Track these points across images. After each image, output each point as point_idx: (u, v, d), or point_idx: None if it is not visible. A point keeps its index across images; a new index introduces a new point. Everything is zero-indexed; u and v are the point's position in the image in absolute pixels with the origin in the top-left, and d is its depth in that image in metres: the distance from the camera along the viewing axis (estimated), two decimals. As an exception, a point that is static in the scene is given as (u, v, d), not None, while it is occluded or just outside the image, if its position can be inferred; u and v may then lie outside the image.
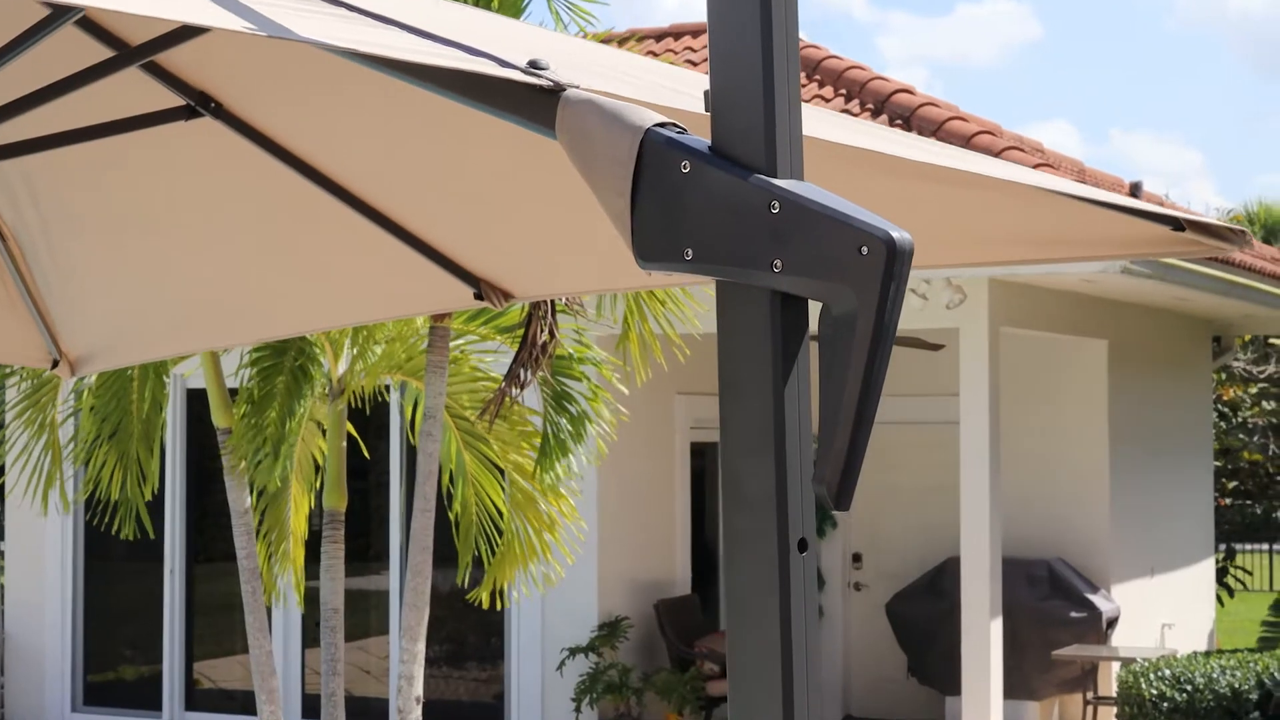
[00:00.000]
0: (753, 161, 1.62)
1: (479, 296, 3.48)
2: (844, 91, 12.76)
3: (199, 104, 3.04)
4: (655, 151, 1.64)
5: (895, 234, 1.55)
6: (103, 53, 2.77)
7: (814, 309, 1.65)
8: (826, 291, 1.58)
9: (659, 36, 14.85)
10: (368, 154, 3.23)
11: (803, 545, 1.64)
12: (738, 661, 1.66)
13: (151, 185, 3.45)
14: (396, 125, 3.04)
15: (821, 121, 2.50)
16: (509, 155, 2.91)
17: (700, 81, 2.03)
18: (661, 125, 1.66)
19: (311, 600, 8.94)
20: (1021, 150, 11.85)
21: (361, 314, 4.55)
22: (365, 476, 13.64)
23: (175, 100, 3.05)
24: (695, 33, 14.57)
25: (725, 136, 1.65)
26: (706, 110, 1.68)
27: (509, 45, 1.88)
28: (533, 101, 1.72)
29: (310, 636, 13.20)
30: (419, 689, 7.15)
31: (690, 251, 1.65)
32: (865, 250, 1.55)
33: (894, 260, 1.54)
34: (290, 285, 3.81)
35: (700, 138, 1.66)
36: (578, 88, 1.71)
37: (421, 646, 7.18)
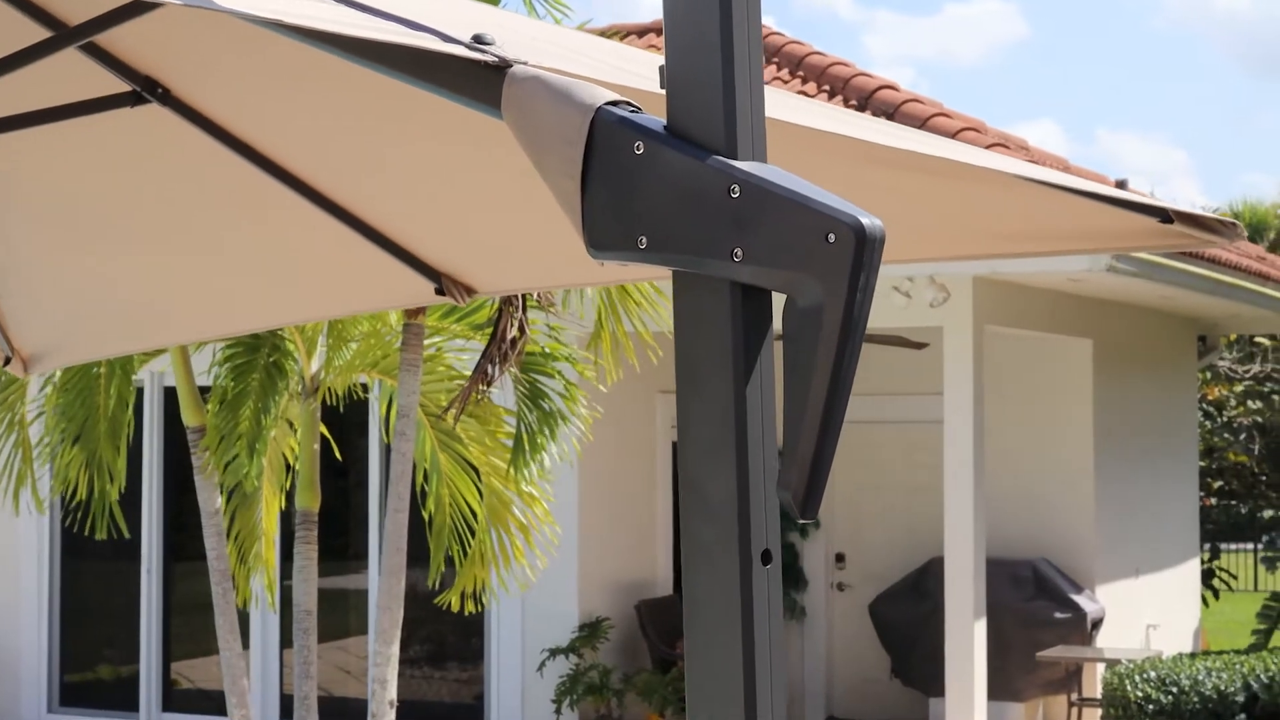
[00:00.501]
0: (711, 142, 1.50)
1: (440, 292, 3.36)
2: (827, 88, 12.66)
3: (145, 90, 2.91)
4: (607, 132, 1.52)
5: (865, 220, 1.43)
6: (40, 33, 2.65)
7: (779, 301, 1.53)
8: (790, 282, 1.46)
9: (641, 32, 14.74)
10: (325, 144, 3.10)
11: (767, 557, 1.52)
12: (696, 683, 1.54)
13: (99, 175, 3.33)
14: (355, 115, 2.92)
15: (792, 106, 2.39)
16: (472, 146, 2.79)
17: (659, 63, 1.91)
18: (614, 104, 1.53)
19: (287, 601, 8.82)
20: (1006, 148, 11.74)
21: (321, 310, 4.42)
22: (346, 475, 13.54)
23: (121, 86, 2.92)
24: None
25: (682, 115, 1.52)
26: (662, 88, 1.56)
27: (455, 20, 1.76)
28: (477, 79, 1.60)
29: (288, 637, 13.08)
30: (393, 692, 7.03)
31: (645, 239, 1.52)
32: (832, 238, 1.42)
33: (863, 248, 1.42)
34: (246, 280, 3.69)
35: (656, 117, 1.54)
36: (525, 64, 1.59)
37: (395, 649, 7.06)
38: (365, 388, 8.58)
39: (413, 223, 3.28)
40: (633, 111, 1.54)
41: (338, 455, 9.14)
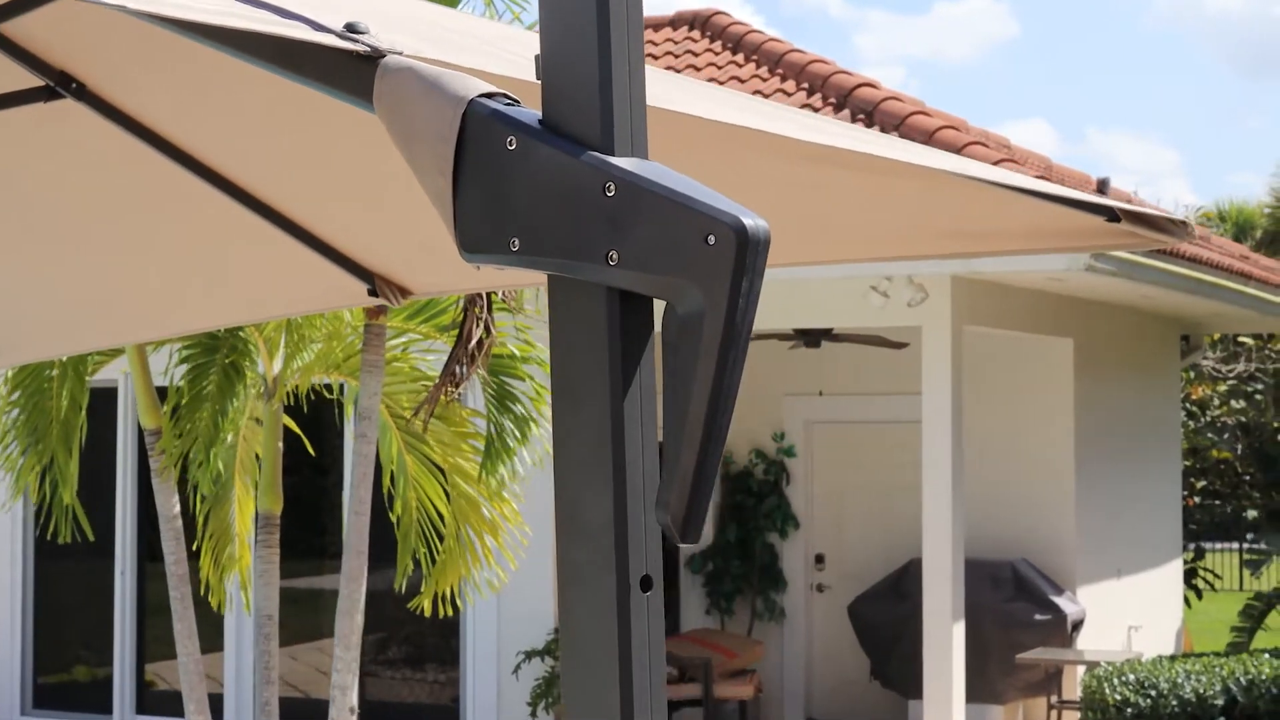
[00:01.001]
0: (587, 137, 1.39)
1: (374, 293, 3.25)
2: (806, 86, 12.56)
3: (59, 84, 2.79)
4: (479, 125, 1.41)
5: (748, 220, 1.32)
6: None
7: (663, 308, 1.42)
8: (668, 288, 1.35)
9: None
10: (252, 142, 2.99)
11: (646, 583, 1.40)
12: (574, 717, 1.43)
13: (18, 174, 3.21)
14: (283, 111, 2.81)
15: (709, 100, 2.28)
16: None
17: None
18: (488, 96, 1.43)
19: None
20: (985, 146, 11.65)
21: (255, 312, 4.31)
22: (327, 474, 13.44)
23: (34, 80, 2.80)
24: (657, 25, 14.35)
25: (557, 108, 1.42)
26: (538, 78, 1.45)
27: (335, 7, 1.65)
28: (349, 70, 1.49)
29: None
30: (353, 699, 6.92)
31: (517, 241, 1.42)
32: (712, 239, 1.32)
33: (745, 251, 1.32)
34: (180, 281, 3.58)
35: (532, 111, 1.43)
36: (400, 54, 1.49)
37: (356, 654, 6.95)
38: (330, 388, 8.48)
39: (344, 222, 3.18)
40: (508, 104, 1.44)
41: (311, 452, 9.04)
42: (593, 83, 1.40)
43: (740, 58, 13.32)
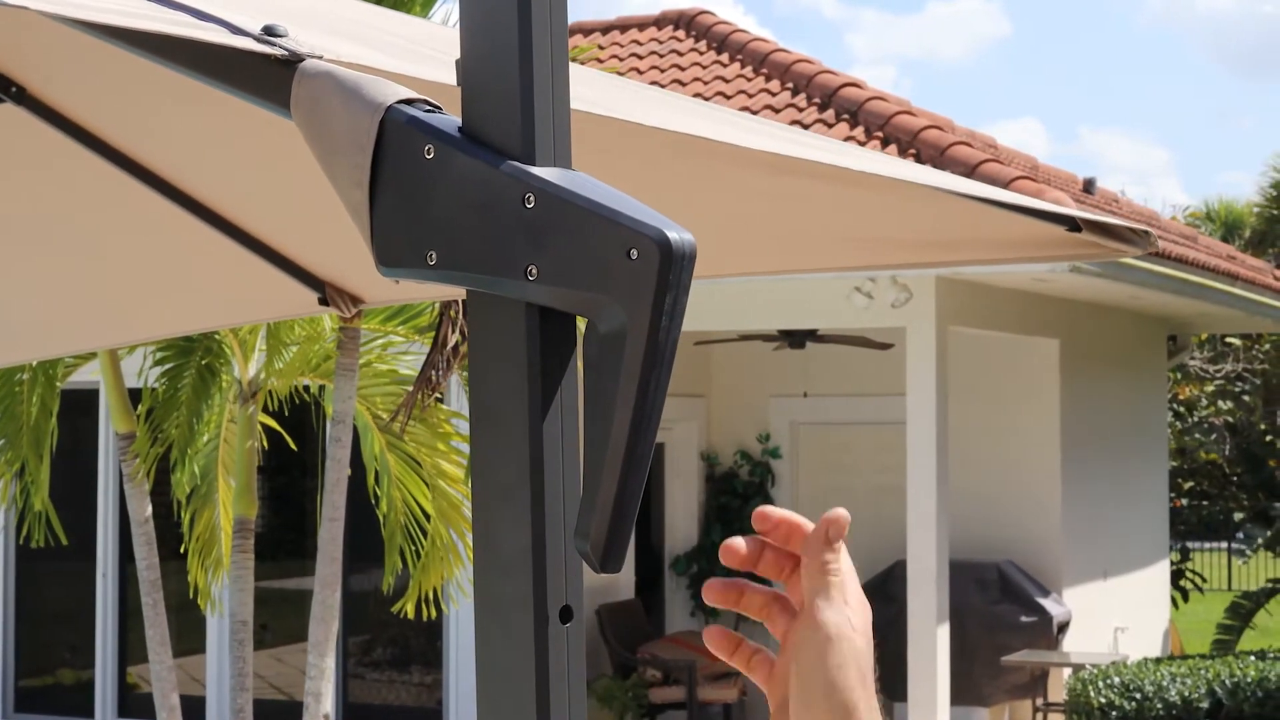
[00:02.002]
0: (507, 145, 1.31)
1: (324, 301, 3.18)
2: (790, 85, 12.50)
3: None
4: (396, 133, 1.33)
5: (672, 234, 1.24)
6: None
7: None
8: (589, 304, 1.28)
9: (605, 30, 14.58)
10: (197, 147, 2.92)
11: (566, 614, 1.33)
12: None
13: None
14: (228, 117, 2.74)
15: (658, 105, 2.22)
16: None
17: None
18: (407, 102, 1.35)
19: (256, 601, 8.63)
20: (970, 146, 11.60)
21: (194, 322, 4.22)
22: (312, 475, 13.38)
23: None
24: (642, 25, 14.29)
25: (476, 115, 1.34)
26: (459, 83, 1.38)
27: (259, 6, 1.58)
28: (266, 75, 1.42)
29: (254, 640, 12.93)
30: (328, 705, 6.85)
31: (434, 254, 1.34)
32: (635, 254, 1.24)
33: (669, 266, 1.24)
34: (129, 288, 3.50)
35: (453, 118, 1.36)
36: (319, 58, 1.42)
37: (330, 661, 6.88)
38: (308, 389, 8.41)
39: (293, 230, 3.10)
40: (428, 111, 1.36)
41: (293, 448, 8.98)
42: (514, 88, 1.33)
43: (725, 57, 13.27)
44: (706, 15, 13.99)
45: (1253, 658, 12.35)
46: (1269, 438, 22.39)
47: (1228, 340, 21.58)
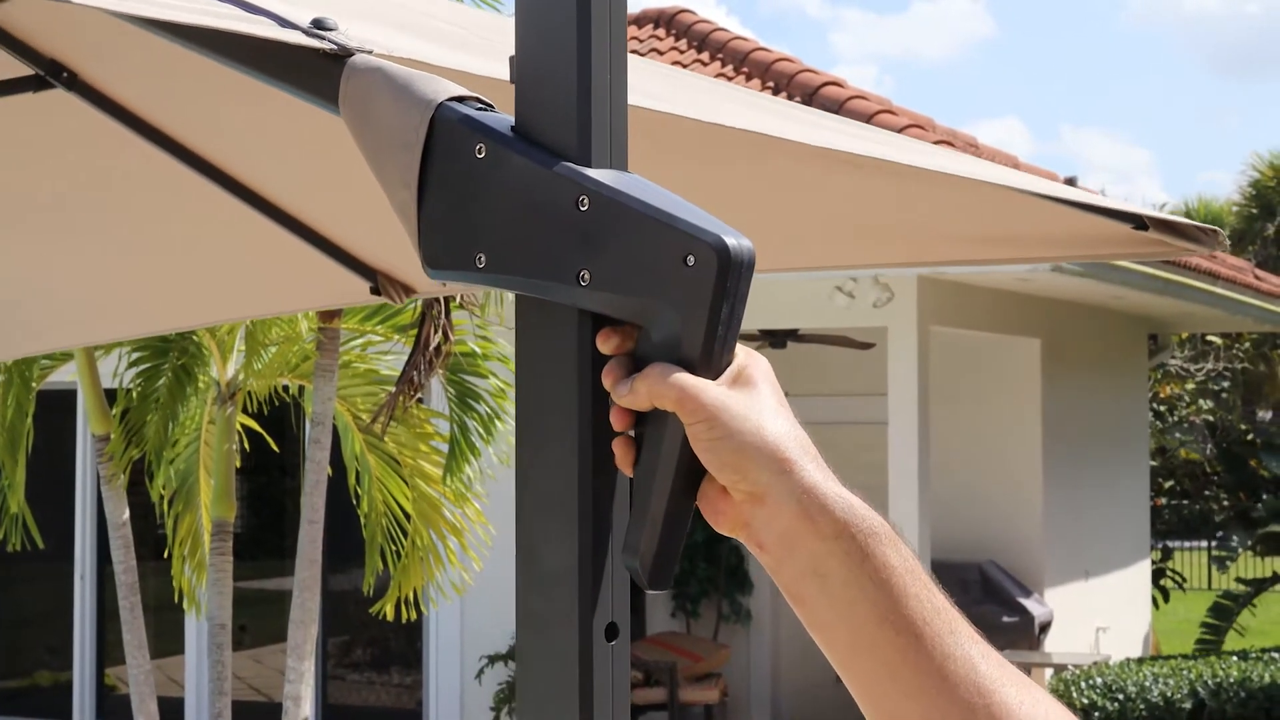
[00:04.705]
0: (561, 146, 1.28)
1: (376, 291, 3.14)
2: (771, 84, 12.47)
3: (50, 74, 2.66)
4: (447, 131, 1.30)
5: (730, 240, 1.21)
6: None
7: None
8: (642, 311, 1.24)
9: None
10: (251, 135, 2.88)
11: (612, 632, 1.29)
12: None
13: (6, 165, 3.08)
14: (281, 102, 2.69)
15: (714, 95, 2.18)
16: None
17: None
18: (459, 100, 1.32)
19: (237, 602, 8.58)
20: (952, 145, 11.56)
21: (247, 309, 4.20)
22: (292, 476, 13.33)
23: (23, 69, 2.67)
24: (658, 20, 14.20)
25: (530, 114, 1.30)
26: (512, 80, 1.33)
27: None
28: (315, 69, 1.38)
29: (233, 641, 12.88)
30: (307, 709, 6.79)
31: (484, 257, 1.30)
32: (691, 260, 1.21)
33: (727, 274, 1.21)
34: (167, 278, 3.47)
35: (506, 116, 1.32)
36: (369, 52, 1.37)
37: (309, 664, 6.82)
38: (287, 390, 8.36)
39: (347, 218, 3.07)
40: (480, 109, 1.32)
41: (275, 449, 8.93)
42: (570, 88, 1.28)
43: (705, 56, 13.23)
44: (687, 14, 13.95)
45: (1235, 658, 12.34)
46: (1249, 437, 22.42)
47: (1208, 339, 21.60)
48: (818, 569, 1.19)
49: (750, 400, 1.22)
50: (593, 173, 1.26)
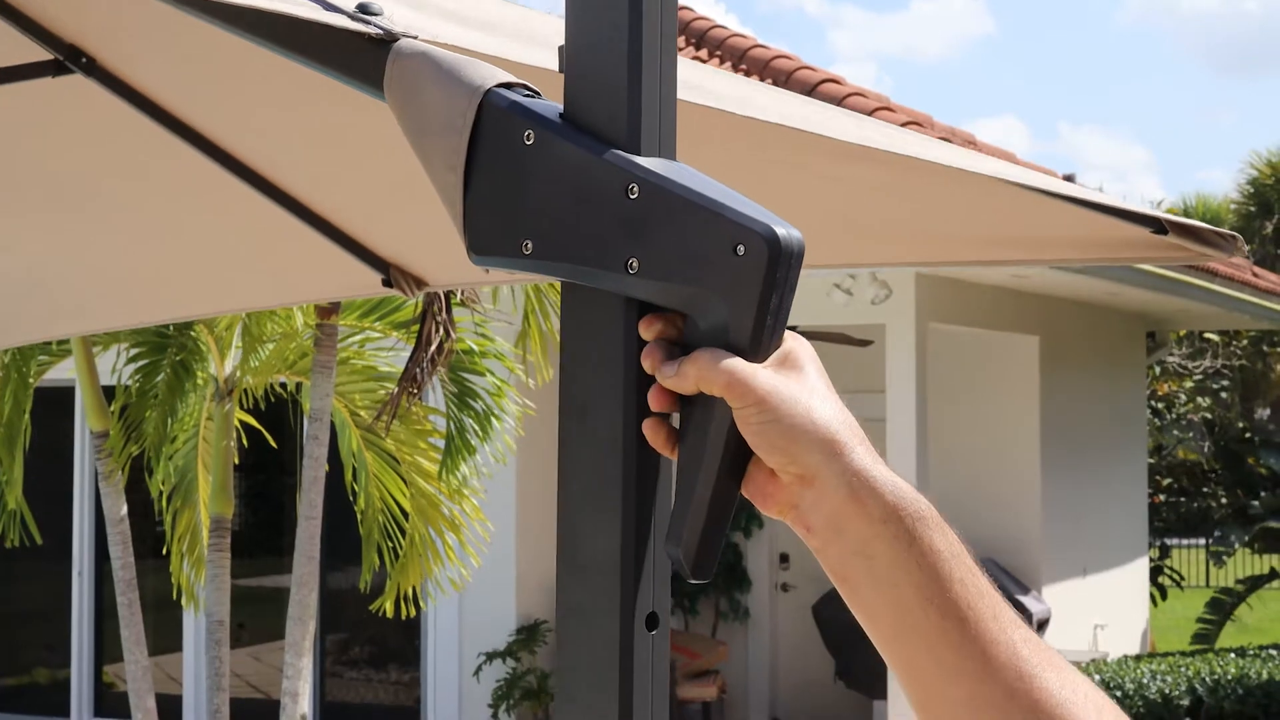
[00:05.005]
0: (611, 134, 1.28)
1: (388, 283, 3.14)
2: (770, 81, 12.46)
3: (69, 59, 2.66)
4: (495, 117, 1.30)
5: (781, 230, 1.21)
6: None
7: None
8: (691, 300, 1.24)
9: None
10: (267, 125, 2.89)
11: (653, 621, 1.29)
12: None
13: (13, 151, 3.08)
14: (299, 94, 2.70)
15: (745, 88, 2.17)
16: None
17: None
18: (507, 86, 1.32)
19: (236, 599, 8.58)
20: (950, 143, 11.56)
21: (258, 299, 4.20)
22: (291, 473, 13.32)
23: (42, 54, 2.67)
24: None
25: (580, 101, 1.30)
26: (561, 69, 1.33)
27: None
28: (360, 54, 1.39)
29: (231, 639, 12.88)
30: (305, 705, 6.79)
31: (530, 244, 1.30)
32: (742, 249, 1.21)
33: (777, 263, 1.21)
34: (178, 265, 3.47)
35: (554, 103, 1.32)
36: (415, 38, 1.37)
37: (307, 661, 6.82)
38: (285, 387, 8.36)
39: (361, 210, 3.07)
40: (527, 96, 1.33)
41: (273, 444, 8.93)
42: (621, 75, 1.29)
43: (704, 53, 13.23)
44: (685, 10, 13.95)
45: (1233, 655, 12.35)
46: (1247, 434, 22.43)
47: (1206, 336, 21.61)
48: (865, 551, 1.21)
49: (799, 384, 1.23)
50: (643, 161, 1.27)
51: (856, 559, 1.21)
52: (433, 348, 6.72)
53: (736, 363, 1.21)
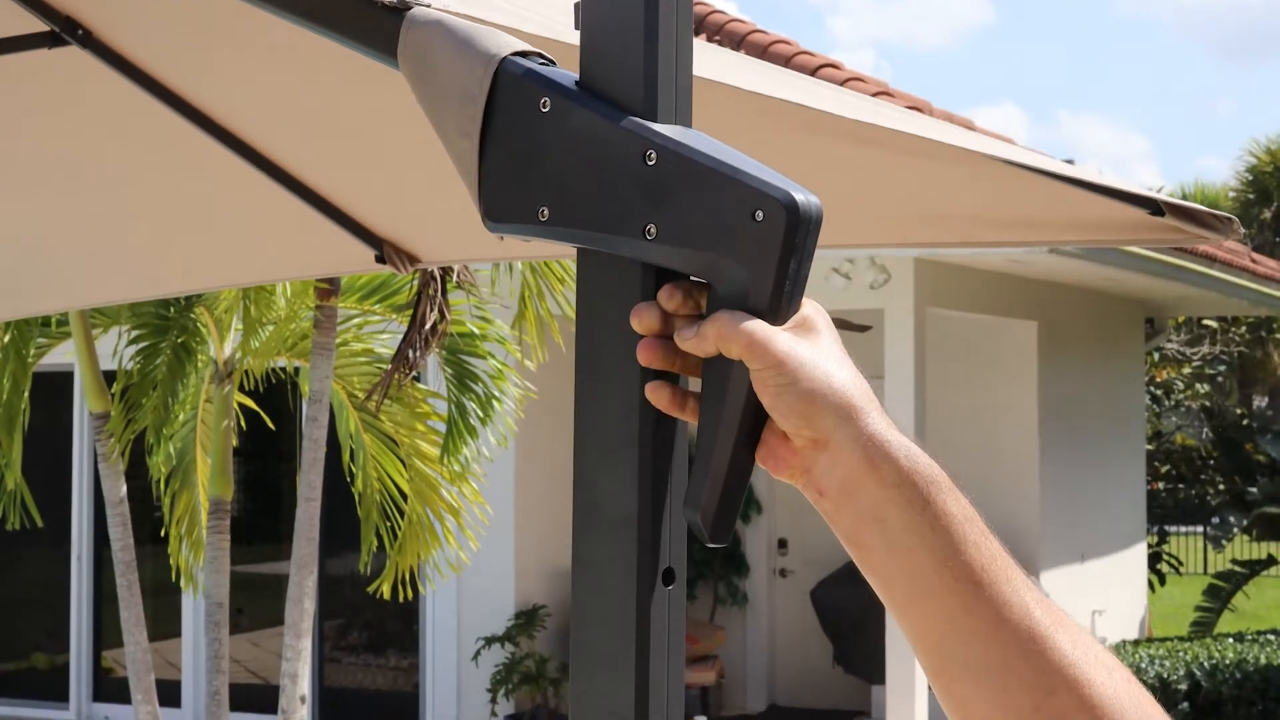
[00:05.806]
0: (628, 101, 1.28)
1: (381, 259, 3.15)
2: (768, 66, 12.46)
3: (64, 30, 2.66)
4: (511, 85, 1.31)
5: (799, 196, 1.22)
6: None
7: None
8: (710, 266, 1.24)
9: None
10: (262, 99, 2.89)
11: (669, 576, 1.30)
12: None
13: (10, 124, 3.08)
14: (295, 69, 2.70)
15: (750, 70, 2.18)
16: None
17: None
18: (522, 54, 1.33)
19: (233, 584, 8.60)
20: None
21: (252, 274, 4.21)
22: (290, 457, 13.32)
23: (38, 25, 2.66)
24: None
25: (596, 69, 1.31)
26: (577, 26, 1.33)
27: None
28: (373, 21, 1.39)
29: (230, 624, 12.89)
30: (304, 687, 6.80)
31: (546, 211, 1.31)
32: (760, 215, 1.22)
33: (795, 230, 1.21)
34: (172, 240, 3.48)
35: (569, 72, 1.33)
36: (427, 6, 1.38)
37: (307, 643, 6.83)
38: (284, 369, 8.36)
39: (355, 186, 3.08)
40: (543, 64, 1.33)
41: (271, 426, 8.94)
42: (637, 41, 1.29)
43: (703, 38, 13.21)
44: (684, -4, 13.94)
45: (1231, 640, 12.36)
46: (1245, 421, 22.45)
47: (1204, 323, 21.62)
48: (878, 515, 1.21)
49: (816, 348, 1.24)
50: (659, 127, 1.27)
51: (870, 523, 1.22)
52: (426, 328, 6.72)
53: (756, 324, 1.21)
